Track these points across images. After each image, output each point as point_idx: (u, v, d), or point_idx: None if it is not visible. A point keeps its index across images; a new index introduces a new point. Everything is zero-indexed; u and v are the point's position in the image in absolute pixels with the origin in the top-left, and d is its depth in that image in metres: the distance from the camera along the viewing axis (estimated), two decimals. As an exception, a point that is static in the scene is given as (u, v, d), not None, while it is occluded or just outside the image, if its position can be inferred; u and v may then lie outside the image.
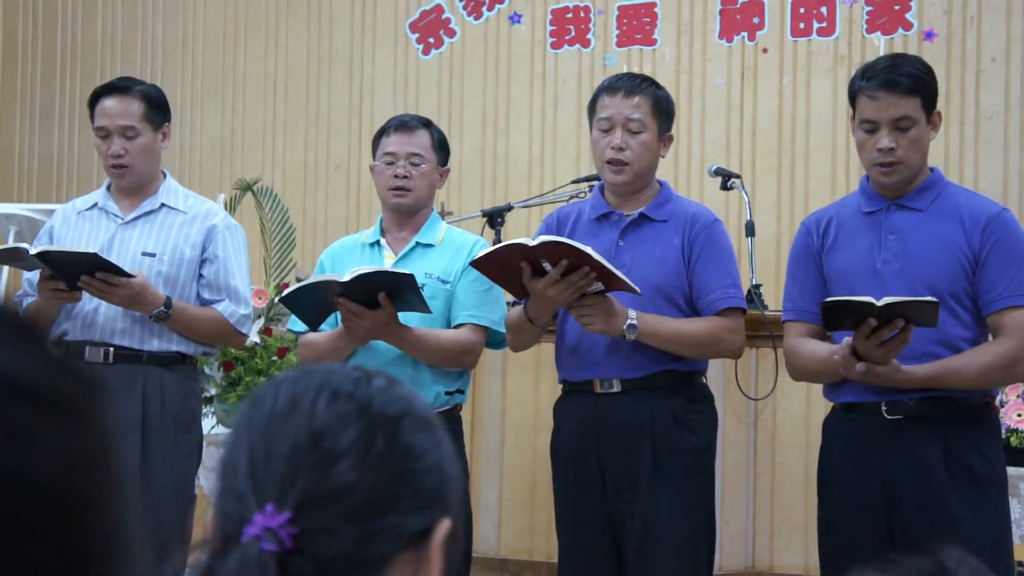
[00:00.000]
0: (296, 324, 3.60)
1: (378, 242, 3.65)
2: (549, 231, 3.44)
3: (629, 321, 3.20)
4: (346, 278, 3.27)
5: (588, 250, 3.07)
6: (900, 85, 3.08)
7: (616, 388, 3.32)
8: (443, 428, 1.14)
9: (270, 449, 1.06)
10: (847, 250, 3.20)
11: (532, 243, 3.08)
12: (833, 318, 3.05)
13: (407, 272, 3.33)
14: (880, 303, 2.86)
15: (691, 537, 3.30)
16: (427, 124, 3.69)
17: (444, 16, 6.63)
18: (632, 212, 3.39)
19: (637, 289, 3.15)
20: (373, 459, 1.06)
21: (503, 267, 3.20)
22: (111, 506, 0.65)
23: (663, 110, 3.42)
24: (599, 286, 3.16)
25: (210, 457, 4.60)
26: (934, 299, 2.90)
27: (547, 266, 3.11)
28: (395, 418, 1.09)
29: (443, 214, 3.82)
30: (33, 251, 3.50)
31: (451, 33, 6.62)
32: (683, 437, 3.29)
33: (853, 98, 3.17)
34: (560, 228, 3.45)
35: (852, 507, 3.12)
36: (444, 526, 1.09)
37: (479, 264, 3.24)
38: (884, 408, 3.08)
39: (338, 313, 3.44)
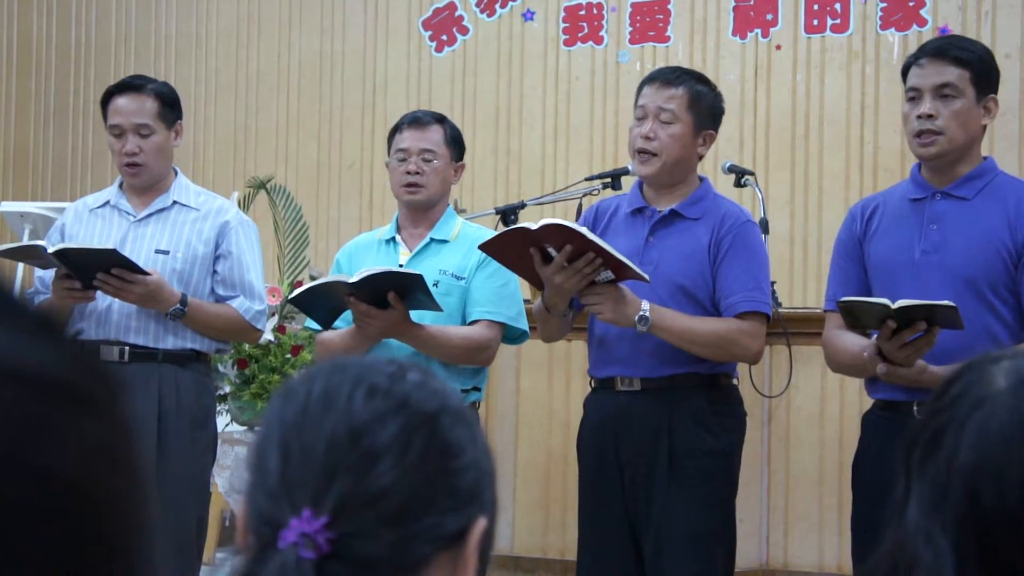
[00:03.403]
0: (313, 322, 3.60)
1: (393, 239, 3.62)
2: (587, 223, 3.38)
3: (641, 312, 3.14)
4: (354, 279, 3.26)
5: (587, 233, 3.02)
6: (947, 54, 3.00)
7: (637, 387, 3.28)
8: (478, 423, 1.10)
9: (305, 446, 1.02)
10: (888, 238, 3.11)
11: (534, 227, 3.03)
12: (852, 318, 2.98)
13: (415, 272, 3.31)
14: (894, 306, 2.77)
15: (707, 541, 3.23)
16: (440, 120, 3.66)
17: (457, 13, 6.62)
18: (665, 208, 3.33)
19: (645, 276, 3.10)
20: (412, 458, 1.02)
21: (514, 254, 3.15)
22: (134, 501, 0.65)
23: (704, 105, 3.32)
24: (610, 275, 3.11)
25: (224, 455, 4.61)
26: (951, 303, 2.78)
27: (553, 252, 3.08)
28: (433, 414, 1.05)
29: (456, 211, 3.80)
30: (51, 249, 3.48)
31: (464, 31, 6.62)
32: (702, 439, 3.23)
33: (905, 76, 3.08)
34: (597, 221, 3.40)
35: (882, 506, 3.05)
36: (480, 525, 1.05)
37: (488, 249, 3.19)
38: (916, 408, 2.95)
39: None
